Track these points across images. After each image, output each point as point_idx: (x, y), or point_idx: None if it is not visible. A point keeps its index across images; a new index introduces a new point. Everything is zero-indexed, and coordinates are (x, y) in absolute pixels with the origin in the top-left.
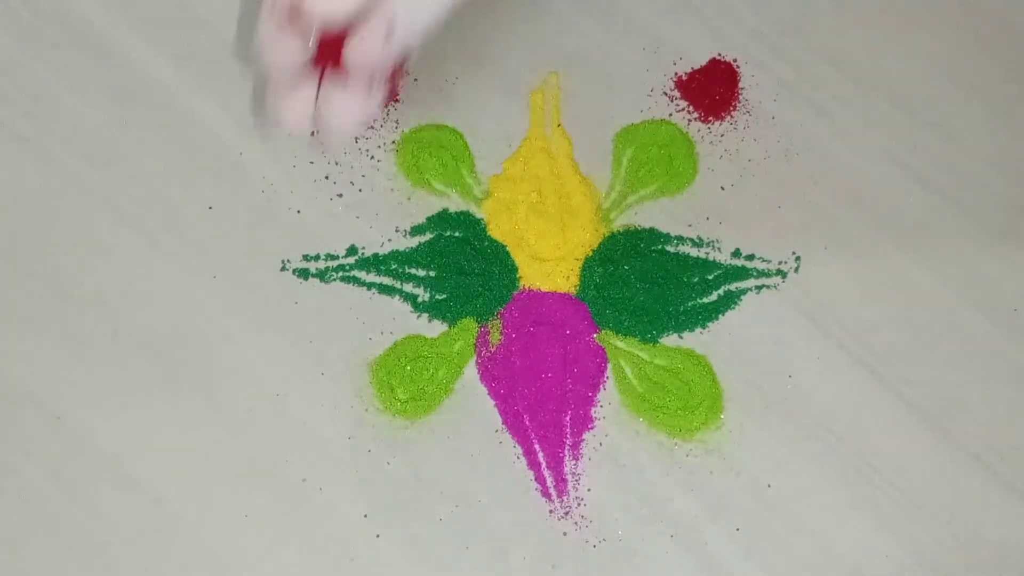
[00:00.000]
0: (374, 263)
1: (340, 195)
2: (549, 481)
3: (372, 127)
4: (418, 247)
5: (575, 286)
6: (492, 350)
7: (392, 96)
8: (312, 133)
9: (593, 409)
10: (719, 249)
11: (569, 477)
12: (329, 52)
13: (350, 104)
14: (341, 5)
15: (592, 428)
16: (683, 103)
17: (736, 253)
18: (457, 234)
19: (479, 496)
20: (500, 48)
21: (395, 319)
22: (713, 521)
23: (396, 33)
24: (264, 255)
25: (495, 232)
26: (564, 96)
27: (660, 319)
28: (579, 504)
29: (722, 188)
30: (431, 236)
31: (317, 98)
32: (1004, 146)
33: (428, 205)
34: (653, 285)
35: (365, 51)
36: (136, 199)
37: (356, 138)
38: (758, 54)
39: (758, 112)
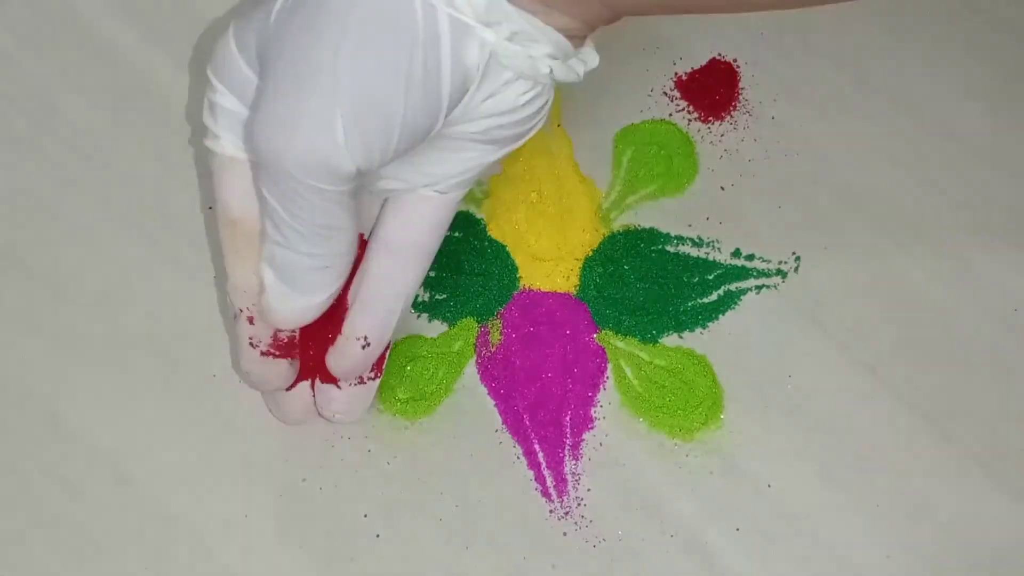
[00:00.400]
0: None
1: None
2: (549, 481)
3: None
4: None
5: (575, 286)
6: (492, 350)
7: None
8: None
9: (593, 409)
10: (719, 249)
11: (569, 477)
12: (315, 366)
13: (347, 401)
14: (292, 324)
15: (592, 428)
16: (683, 103)
17: (736, 253)
18: (457, 234)
19: (479, 496)
20: None
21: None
22: (713, 521)
23: (372, 344)
24: None
25: (495, 232)
26: (564, 96)
27: (660, 319)
28: (579, 504)
29: (722, 188)
30: None
31: (314, 391)
32: (1004, 146)
33: None
34: (653, 285)
35: (347, 367)
36: (136, 199)
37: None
38: (758, 54)
39: (758, 112)
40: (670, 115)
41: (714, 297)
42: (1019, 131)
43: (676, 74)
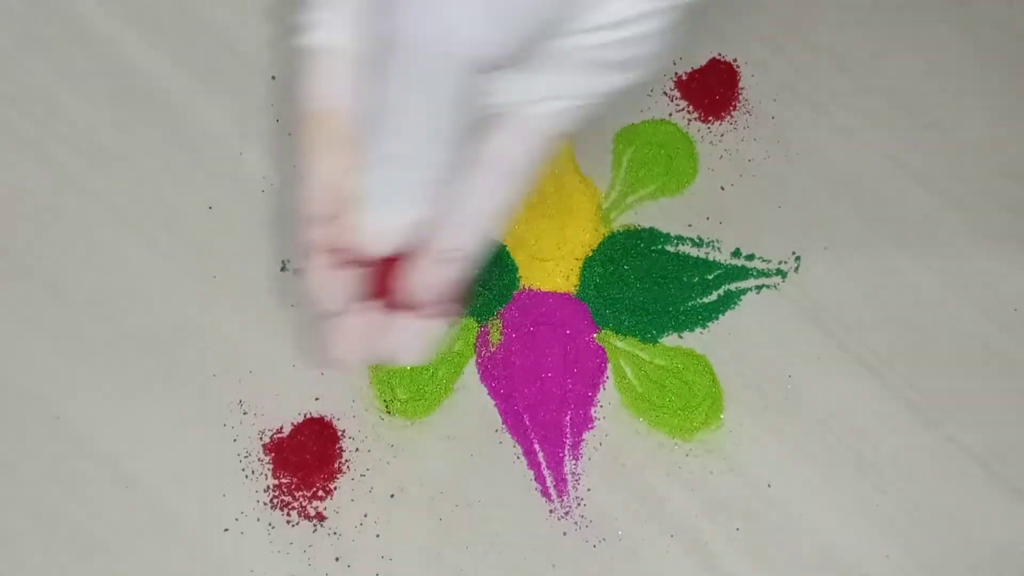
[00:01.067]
0: None
1: None
2: (549, 481)
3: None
4: None
5: (575, 286)
6: (492, 350)
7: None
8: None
9: (593, 409)
10: (719, 249)
11: (569, 477)
12: (384, 284)
13: (410, 334)
14: (384, 244)
15: (592, 428)
16: (683, 103)
17: (736, 253)
18: None
19: (479, 496)
20: None
21: None
22: (713, 521)
23: (456, 257)
24: (264, 255)
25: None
26: None
27: (660, 319)
28: (579, 504)
29: (722, 188)
30: None
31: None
32: (1003, 146)
33: None
34: (653, 285)
35: (427, 279)
36: (136, 199)
37: None
38: (758, 54)
39: (758, 112)
40: (670, 115)
41: (714, 297)
42: (1018, 131)
43: (676, 74)
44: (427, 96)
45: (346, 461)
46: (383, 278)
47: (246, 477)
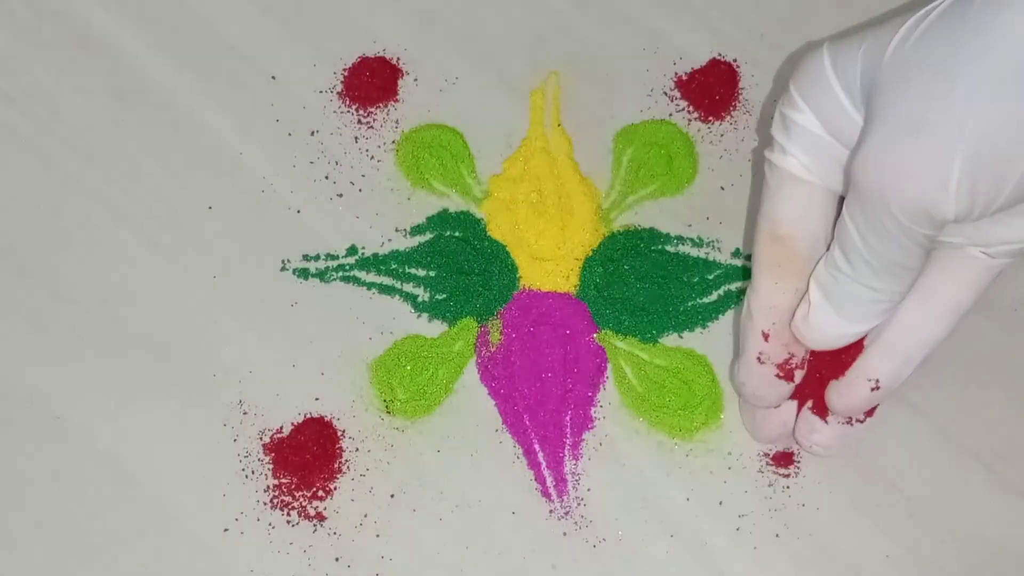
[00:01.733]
0: (374, 263)
1: (340, 195)
2: (549, 481)
3: (372, 127)
4: (418, 247)
5: (575, 286)
6: (492, 350)
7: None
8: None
9: (593, 409)
10: (719, 249)
11: (569, 477)
12: (809, 392)
13: (830, 437)
14: (824, 344)
15: (592, 428)
16: (683, 103)
17: (736, 253)
18: (457, 234)
19: (479, 496)
20: (500, 48)
21: (395, 319)
22: (713, 521)
23: (881, 388)
24: (264, 255)
25: (495, 232)
26: (564, 96)
27: (660, 319)
28: (579, 504)
29: (722, 188)
30: (431, 236)
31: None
32: None
33: (428, 205)
34: (653, 285)
35: (847, 404)
36: (136, 199)
37: (356, 138)
38: (758, 54)
39: (758, 112)
40: (670, 115)
41: (714, 297)
42: None
43: (676, 74)
44: (882, 239)
45: (346, 461)
46: (811, 385)
47: (246, 477)
